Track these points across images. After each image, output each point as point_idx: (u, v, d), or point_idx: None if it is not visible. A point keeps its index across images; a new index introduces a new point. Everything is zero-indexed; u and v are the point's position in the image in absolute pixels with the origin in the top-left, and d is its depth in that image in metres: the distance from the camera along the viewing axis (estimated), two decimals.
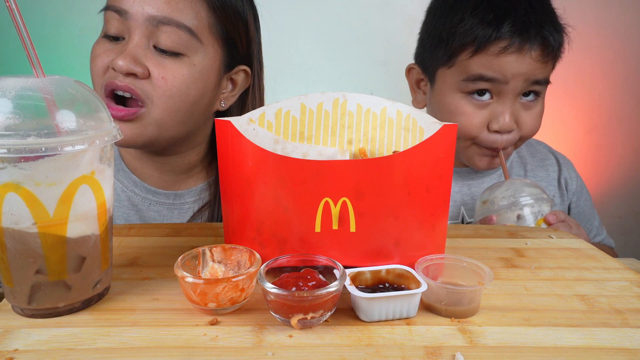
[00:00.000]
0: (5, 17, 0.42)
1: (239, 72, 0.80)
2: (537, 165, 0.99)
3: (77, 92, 0.43)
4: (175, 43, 0.69)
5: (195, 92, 0.72)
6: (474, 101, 0.85)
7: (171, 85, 0.70)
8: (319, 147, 0.57)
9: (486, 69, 0.82)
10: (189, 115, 0.74)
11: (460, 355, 0.39)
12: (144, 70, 0.68)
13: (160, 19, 0.68)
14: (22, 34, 0.42)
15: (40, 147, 0.38)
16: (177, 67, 0.70)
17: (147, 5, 0.68)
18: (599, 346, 0.41)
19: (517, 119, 0.85)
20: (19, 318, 0.44)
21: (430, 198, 0.49)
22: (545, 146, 1.03)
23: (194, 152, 0.83)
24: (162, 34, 0.69)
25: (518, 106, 0.85)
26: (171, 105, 0.71)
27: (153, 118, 0.70)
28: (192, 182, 0.86)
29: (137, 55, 0.68)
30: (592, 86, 1.42)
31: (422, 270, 0.47)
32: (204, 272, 0.48)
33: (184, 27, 0.69)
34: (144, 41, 0.69)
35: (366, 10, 1.37)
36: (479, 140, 0.86)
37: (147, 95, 0.69)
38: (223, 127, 0.50)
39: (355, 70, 1.41)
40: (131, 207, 0.82)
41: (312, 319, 0.42)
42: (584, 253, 0.62)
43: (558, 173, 0.99)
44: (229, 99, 0.81)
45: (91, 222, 0.44)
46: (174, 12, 0.68)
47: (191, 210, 0.83)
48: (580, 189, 0.99)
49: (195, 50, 0.71)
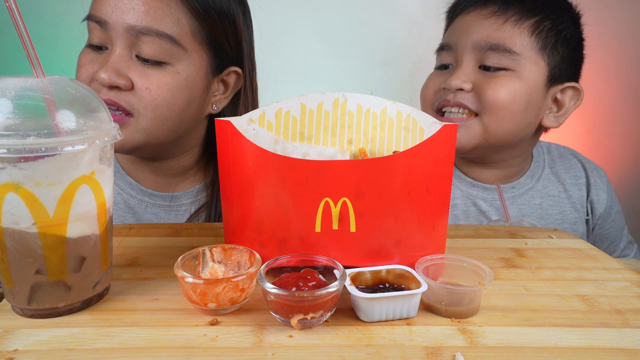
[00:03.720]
0: (5, 17, 0.42)
1: (230, 73, 0.78)
2: (571, 183, 0.94)
3: (77, 92, 0.43)
4: (157, 52, 0.68)
5: (182, 100, 0.71)
6: (436, 72, 0.88)
7: (156, 96, 0.68)
8: (319, 147, 0.57)
9: (444, 39, 0.88)
10: (177, 123, 0.73)
11: (460, 355, 0.39)
12: (127, 82, 0.67)
13: (139, 29, 0.66)
14: (22, 34, 0.42)
15: (40, 147, 0.38)
16: (161, 77, 0.69)
17: (125, 15, 0.66)
18: (599, 346, 0.41)
19: (477, 88, 0.80)
20: (19, 318, 0.43)
21: (430, 198, 0.49)
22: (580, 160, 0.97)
23: (188, 155, 0.83)
24: (144, 44, 0.67)
25: (480, 77, 0.81)
26: (158, 115, 0.70)
27: (141, 126, 0.70)
28: (189, 184, 0.85)
29: (119, 67, 0.67)
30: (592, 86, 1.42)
31: (422, 270, 0.47)
32: (204, 272, 0.48)
33: (164, 36, 0.67)
34: (126, 52, 0.68)
35: (366, 10, 1.37)
36: (437, 105, 0.86)
37: (132, 106, 0.68)
38: (223, 127, 0.50)
39: (355, 70, 1.41)
40: (128, 209, 0.81)
41: (312, 319, 0.42)
42: (584, 253, 0.62)
43: (586, 193, 0.94)
44: (221, 101, 0.80)
45: (91, 222, 0.44)
46: (153, 21, 0.67)
47: (188, 212, 0.82)
48: (608, 210, 0.94)
49: (178, 58, 0.70)
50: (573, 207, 0.93)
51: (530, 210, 0.91)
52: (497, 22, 0.80)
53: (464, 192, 0.92)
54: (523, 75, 0.79)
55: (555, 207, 0.92)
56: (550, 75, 0.81)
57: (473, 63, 0.82)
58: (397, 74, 1.40)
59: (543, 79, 0.81)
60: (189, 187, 0.85)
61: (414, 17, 1.31)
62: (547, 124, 0.85)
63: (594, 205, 0.93)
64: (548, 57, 0.81)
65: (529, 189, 0.92)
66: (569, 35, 0.82)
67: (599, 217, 0.94)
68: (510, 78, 0.79)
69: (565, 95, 0.84)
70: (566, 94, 0.84)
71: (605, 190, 0.94)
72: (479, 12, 0.82)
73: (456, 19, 0.87)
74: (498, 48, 0.79)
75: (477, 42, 0.81)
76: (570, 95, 0.84)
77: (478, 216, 0.91)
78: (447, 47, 0.86)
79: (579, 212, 0.93)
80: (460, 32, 0.84)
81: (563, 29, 0.81)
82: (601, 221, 0.95)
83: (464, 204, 0.91)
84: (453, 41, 0.85)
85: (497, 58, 0.79)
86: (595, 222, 0.94)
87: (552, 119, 0.85)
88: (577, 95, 0.84)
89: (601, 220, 0.95)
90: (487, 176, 0.92)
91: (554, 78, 0.82)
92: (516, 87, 0.79)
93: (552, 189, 0.93)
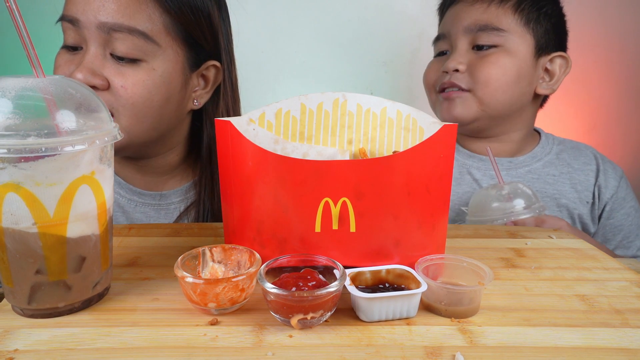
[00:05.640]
0: (5, 17, 0.42)
1: (209, 67, 0.78)
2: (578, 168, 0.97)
3: (77, 92, 0.43)
4: (131, 49, 0.68)
5: (159, 96, 0.71)
6: (436, 59, 0.98)
7: (132, 93, 0.68)
8: (319, 147, 0.57)
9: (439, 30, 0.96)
10: (157, 120, 0.73)
11: (460, 355, 0.39)
12: (103, 81, 0.67)
13: (111, 26, 0.66)
14: (22, 34, 0.42)
15: (40, 147, 0.38)
16: (136, 74, 0.68)
17: (97, 13, 0.66)
18: (599, 346, 0.41)
19: (471, 67, 0.89)
20: (19, 318, 0.44)
21: (430, 198, 0.49)
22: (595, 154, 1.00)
23: (173, 152, 0.83)
24: (117, 41, 0.67)
25: (473, 56, 0.90)
26: (136, 112, 0.69)
27: (121, 126, 0.69)
28: (177, 182, 0.85)
29: (94, 67, 0.67)
30: (592, 86, 1.42)
31: (422, 270, 0.47)
32: (204, 272, 0.48)
33: (137, 32, 0.67)
34: (100, 50, 0.68)
35: (366, 10, 1.37)
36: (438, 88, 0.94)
37: (110, 105, 0.68)
38: (223, 127, 0.50)
39: (355, 70, 1.40)
40: (118, 209, 0.81)
41: (312, 319, 0.42)
42: (584, 253, 0.62)
43: (594, 179, 0.97)
44: (202, 96, 0.79)
45: (91, 222, 0.44)
46: (124, 17, 0.67)
47: (177, 210, 0.82)
48: (621, 201, 0.96)
49: (153, 54, 0.69)
50: (573, 187, 0.95)
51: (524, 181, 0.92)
52: (482, 6, 0.90)
53: (460, 162, 0.98)
54: (511, 49, 0.89)
55: (552, 185, 0.95)
56: (537, 46, 0.90)
57: (467, 45, 0.91)
58: (397, 74, 1.40)
59: (531, 50, 0.90)
60: (178, 185, 0.85)
61: (414, 17, 1.31)
62: (541, 91, 0.94)
63: (602, 189, 0.97)
64: (533, 30, 0.90)
65: (526, 165, 0.96)
66: (549, 10, 0.91)
67: (607, 202, 0.96)
68: (500, 54, 0.89)
69: (554, 65, 0.93)
70: (555, 63, 0.93)
71: (617, 180, 0.97)
72: (465, 1, 0.92)
73: (447, 12, 0.96)
74: (487, 28, 0.88)
75: (467, 26, 0.90)
76: (559, 64, 0.93)
77: (471, 183, 0.95)
78: (442, 36, 0.96)
79: (579, 193, 0.95)
80: (452, 20, 0.93)
81: (543, 5, 0.91)
82: (610, 209, 0.96)
83: (458, 172, 0.97)
84: (447, 30, 0.94)
85: (487, 37, 0.89)
86: (601, 207, 0.96)
87: (545, 87, 0.94)
88: (565, 63, 0.93)
89: (610, 208, 0.96)
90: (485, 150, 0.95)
91: (541, 49, 0.91)
92: (505, 61, 0.88)
93: (553, 169, 0.97)
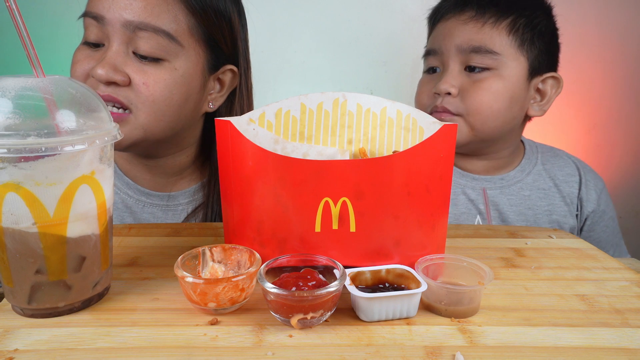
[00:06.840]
0: (5, 17, 0.42)
1: (226, 71, 0.78)
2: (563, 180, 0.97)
3: (77, 92, 0.43)
4: (154, 48, 0.68)
5: (179, 96, 0.71)
6: (427, 77, 0.93)
7: (153, 91, 0.68)
8: (319, 147, 0.57)
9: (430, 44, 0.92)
10: (175, 119, 0.73)
11: (460, 355, 0.39)
12: (125, 77, 0.67)
13: (137, 24, 0.67)
14: (22, 34, 0.42)
15: (40, 147, 0.38)
16: (158, 73, 0.69)
17: (123, 11, 0.66)
18: (599, 346, 0.41)
19: (463, 91, 0.86)
20: (19, 318, 0.44)
21: (430, 198, 0.49)
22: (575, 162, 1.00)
23: (184, 153, 0.83)
24: (141, 40, 0.67)
25: (466, 79, 0.87)
26: (156, 110, 0.70)
27: (139, 122, 0.70)
28: (185, 184, 0.85)
29: (116, 63, 0.67)
30: (592, 86, 1.42)
31: (422, 270, 0.47)
32: (204, 272, 0.48)
33: (162, 32, 0.68)
34: (123, 48, 0.68)
35: (366, 10, 1.37)
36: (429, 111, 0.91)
37: (130, 101, 0.68)
38: (223, 127, 0.50)
39: (355, 70, 1.41)
40: (125, 209, 0.81)
41: (312, 319, 0.42)
42: (584, 253, 0.62)
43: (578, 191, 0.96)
44: (217, 99, 0.80)
45: (91, 222, 0.44)
46: (150, 17, 0.67)
47: (185, 211, 0.82)
48: (600, 214, 0.96)
49: (175, 54, 0.70)
50: (563, 201, 0.95)
51: (518, 200, 0.93)
52: (476, 26, 0.85)
53: (454, 181, 0.95)
54: (504, 73, 0.85)
55: (544, 199, 0.94)
56: (531, 68, 0.87)
57: (459, 66, 0.87)
58: (397, 74, 1.40)
59: (524, 73, 0.86)
60: (186, 186, 0.85)
61: (414, 17, 1.31)
62: (532, 113, 0.91)
63: (583, 202, 0.96)
64: (527, 52, 0.86)
65: (518, 181, 0.95)
66: (544, 28, 0.87)
67: (588, 217, 0.96)
68: (493, 80, 0.85)
69: (546, 85, 0.90)
70: (547, 83, 0.90)
71: (597, 193, 0.96)
72: (458, 17, 0.88)
73: (437, 25, 0.92)
74: (480, 50, 0.85)
75: (460, 45, 0.86)
76: (551, 84, 0.90)
77: (467, 204, 0.94)
78: (432, 52, 0.91)
79: (569, 206, 0.95)
80: (443, 37, 0.89)
81: (537, 23, 0.86)
82: (591, 223, 0.96)
83: (453, 192, 0.94)
84: (437, 46, 0.90)
85: (480, 59, 0.85)
86: (582, 219, 0.96)
87: (537, 109, 0.91)
88: (557, 83, 0.90)
89: (591, 222, 0.96)
90: (476, 167, 0.95)
91: (534, 70, 0.87)
92: (499, 87, 0.85)
93: (543, 182, 0.96)
